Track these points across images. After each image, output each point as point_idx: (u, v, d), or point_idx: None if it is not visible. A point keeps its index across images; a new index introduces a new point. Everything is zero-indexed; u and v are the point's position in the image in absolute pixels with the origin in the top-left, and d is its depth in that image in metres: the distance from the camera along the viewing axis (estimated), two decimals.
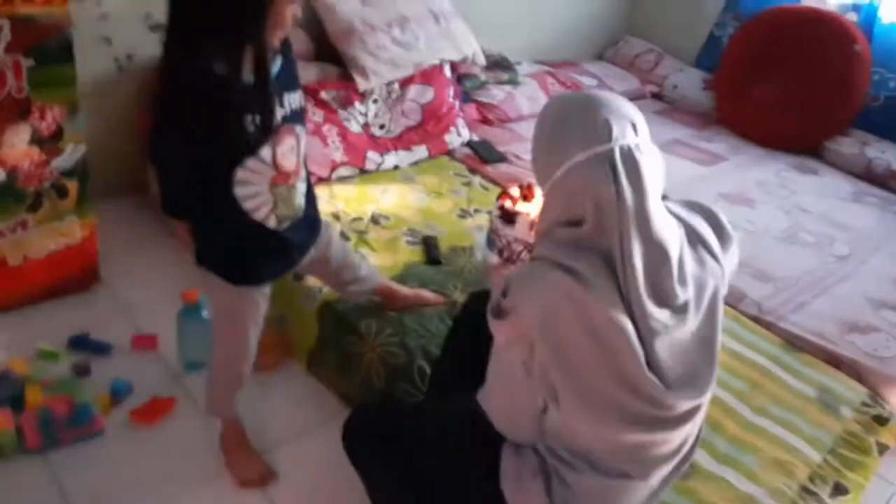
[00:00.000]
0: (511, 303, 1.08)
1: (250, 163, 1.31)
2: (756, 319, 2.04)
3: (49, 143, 1.81)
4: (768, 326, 2.02)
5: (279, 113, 1.31)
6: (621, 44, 4.11)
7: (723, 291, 1.14)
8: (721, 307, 1.13)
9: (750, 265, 2.29)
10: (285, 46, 1.33)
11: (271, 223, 1.39)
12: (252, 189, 1.34)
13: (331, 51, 2.66)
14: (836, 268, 2.37)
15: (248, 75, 1.24)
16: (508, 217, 1.43)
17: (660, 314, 1.05)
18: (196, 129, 1.26)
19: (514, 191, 1.56)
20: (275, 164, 1.34)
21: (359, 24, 2.64)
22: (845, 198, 2.98)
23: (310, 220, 1.52)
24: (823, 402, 1.76)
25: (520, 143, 2.94)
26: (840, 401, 1.77)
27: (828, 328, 2.01)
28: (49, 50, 1.71)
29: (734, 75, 3.53)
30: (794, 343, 1.96)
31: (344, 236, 2.12)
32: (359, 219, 2.24)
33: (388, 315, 1.82)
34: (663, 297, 1.05)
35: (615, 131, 1.05)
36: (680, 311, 1.06)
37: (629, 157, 1.04)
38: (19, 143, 1.75)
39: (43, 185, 1.85)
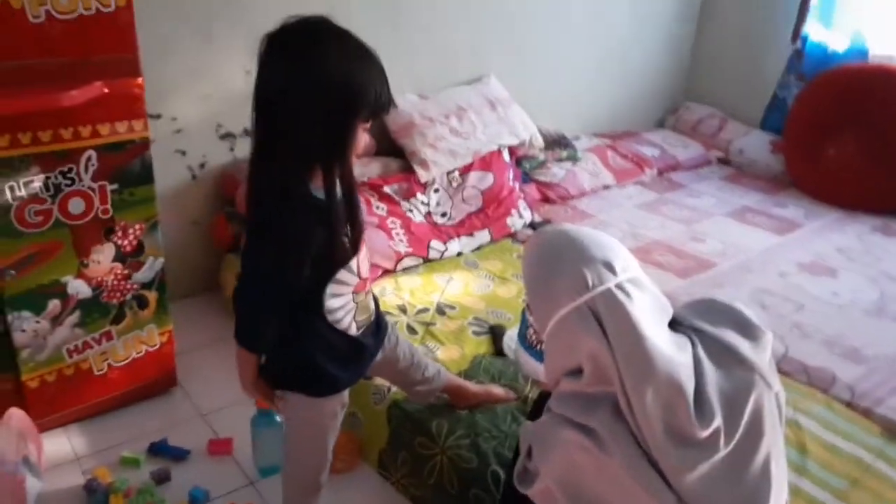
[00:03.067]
0: (534, 466, 1.05)
1: (341, 275, 1.34)
2: (850, 405, 1.91)
3: (130, 258, 1.90)
4: (865, 413, 1.88)
5: None
6: (682, 110, 4.08)
7: (769, 395, 1.06)
8: (769, 413, 1.05)
9: (839, 343, 2.16)
10: None
11: (353, 331, 1.41)
12: (340, 301, 1.36)
13: (391, 145, 2.74)
14: None
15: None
16: None
17: (682, 453, 0.98)
18: (305, 255, 1.25)
19: None
20: (358, 272, 1.38)
21: (418, 118, 2.72)
22: None
23: (378, 321, 1.53)
24: None
25: (583, 221, 2.92)
26: None
27: None
28: (131, 173, 1.82)
29: (803, 136, 3.44)
30: None
31: (411, 329, 2.13)
32: (425, 310, 2.24)
33: (458, 414, 1.79)
34: (683, 437, 0.98)
35: (589, 279, 1.01)
36: (706, 444, 0.99)
37: (611, 301, 1.00)
38: (104, 261, 1.85)
39: (125, 298, 1.93)
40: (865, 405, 1.90)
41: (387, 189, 2.59)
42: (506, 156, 2.93)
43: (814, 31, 3.61)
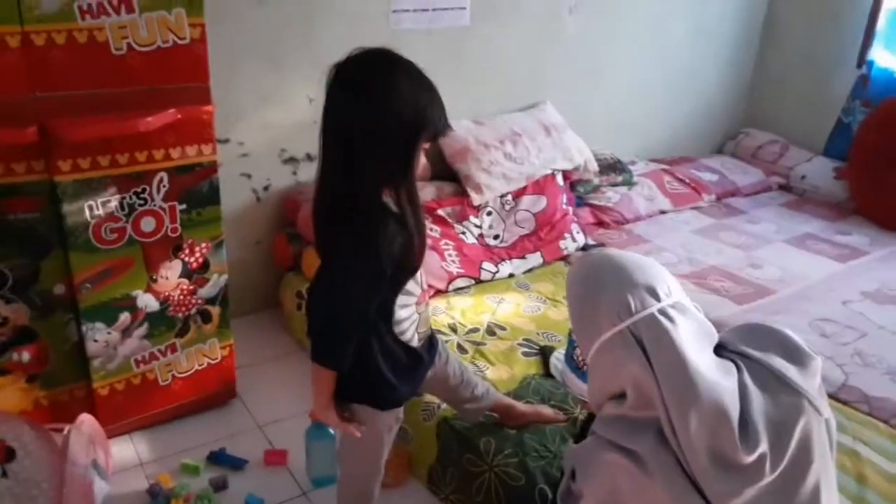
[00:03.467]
0: (578, 487, 1.07)
1: (409, 286, 1.39)
2: None
3: (196, 274, 2.00)
4: None
5: None
6: (742, 136, 4.02)
7: (818, 422, 1.04)
8: (818, 439, 1.03)
9: None
10: None
11: (415, 342, 1.46)
12: (407, 312, 1.41)
13: (446, 169, 2.80)
14: None
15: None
16: None
17: (727, 478, 0.97)
18: (388, 264, 1.28)
19: None
20: (421, 283, 1.43)
21: (473, 143, 2.78)
22: None
23: (430, 337, 1.58)
24: None
25: (638, 246, 2.90)
26: None
27: None
28: (200, 194, 1.93)
29: (868, 163, 3.34)
30: None
31: (461, 349, 2.16)
32: (475, 329, 2.27)
33: (506, 433, 1.80)
34: (728, 462, 0.98)
35: (633, 304, 1.02)
36: (751, 469, 0.98)
37: (654, 326, 1.00)
38: (172, 277, 1.96)
39: (190, 313, 2.03)
40: None
41: (440, 212, 2.64)
42: (559, 180, 2.95)
43: (880, 56, 3.53)
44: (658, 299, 1.04)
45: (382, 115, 1.22)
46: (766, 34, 3.99)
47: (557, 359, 2.04)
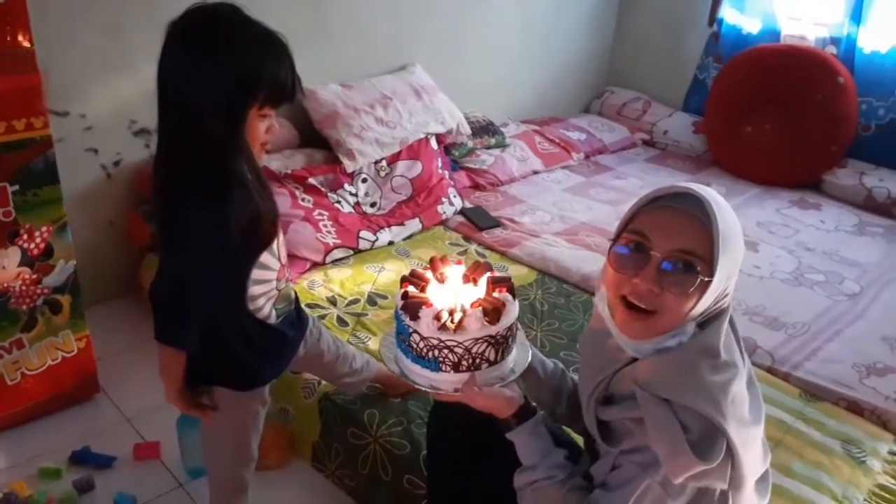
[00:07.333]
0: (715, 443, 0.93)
1: (265, 258, 1.30)
2: (771, 371, 1.98)
3: (39, 261, 1.81)
4: (784, 377, 1.96)
5: None
6: (606, 94, 4.15)
7: None
8: None
9: (759, 313, 2.24)
10: None
11: (272, 320, 1.38)
12: (263, 288, 1.33)
13: (316, 136, 2.69)
14: (847, 307, 2.32)
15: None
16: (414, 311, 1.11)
17: None
18: (231, 237, 1.19)
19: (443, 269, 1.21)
20: (279, 256, 1.35)
21: (341, 107, 2.68)
22: (850, 231, 2.94)
23: (298, 313, 1.50)
24: (849, 455, 1.69)
25: (513, 206, 2.94)
26: (866, 452, 1.70)
27: (845, 374, 1.95)
28: (33, 173, 1.73)
29: (722, 116, 3.55)
30: (813, 393, 1.90)
31: (342, 321, 2.10)
32: (356, 301, 2.22)
33: (390, 403, 1.78)
34: None
35: None
36: None
37: None
38: (9, 266, 1.76)
39: (36, 304, 1.84)
40: (785, 370, 1.98)
41: (312, 180, 2.54)
42: (433, 144, 2.92)
43: (729, 14, 3.73)
44: None
45: (205, 70, 1.15)
46: None
47: (387, 347, 1.32)
